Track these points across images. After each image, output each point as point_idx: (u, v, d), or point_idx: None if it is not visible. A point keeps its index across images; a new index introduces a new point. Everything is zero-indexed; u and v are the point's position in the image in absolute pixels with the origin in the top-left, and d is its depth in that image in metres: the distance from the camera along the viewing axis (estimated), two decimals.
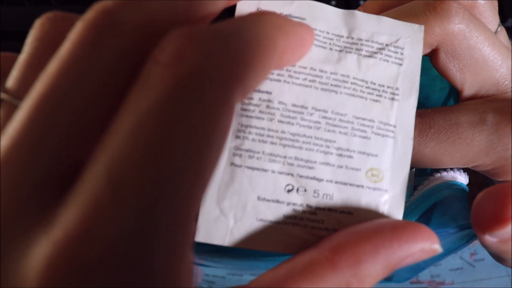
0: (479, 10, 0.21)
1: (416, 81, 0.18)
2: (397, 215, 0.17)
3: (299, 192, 0.17)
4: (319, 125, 0.17)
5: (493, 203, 0.16)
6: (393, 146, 0.18)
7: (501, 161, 0.19)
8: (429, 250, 0.15)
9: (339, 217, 0.17)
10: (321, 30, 0.18)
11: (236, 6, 0.19)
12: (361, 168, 0.17)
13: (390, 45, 0.19)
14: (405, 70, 0.18)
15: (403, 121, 0.18)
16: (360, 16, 0.19)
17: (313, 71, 0.18)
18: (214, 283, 0.31)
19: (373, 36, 0.19)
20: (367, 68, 0.18)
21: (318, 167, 0.17)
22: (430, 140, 0.20)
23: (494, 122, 0.19)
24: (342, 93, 0.18)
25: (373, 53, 0.18)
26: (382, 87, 0.18)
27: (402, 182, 0.17)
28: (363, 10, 0.23)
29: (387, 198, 0.17)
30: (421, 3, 0.20)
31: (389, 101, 0.18)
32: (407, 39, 0.19)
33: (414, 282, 0.30)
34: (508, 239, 0.16)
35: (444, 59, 0.20)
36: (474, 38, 0.19)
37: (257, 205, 0.17)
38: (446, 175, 0.21)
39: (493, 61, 0.20)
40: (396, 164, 0.18)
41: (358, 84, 0.18)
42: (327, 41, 0.18)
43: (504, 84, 0.20)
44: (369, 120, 0.18)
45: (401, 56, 0.19)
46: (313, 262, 0.15)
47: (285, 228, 0.17)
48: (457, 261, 0.30)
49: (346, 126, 0.17)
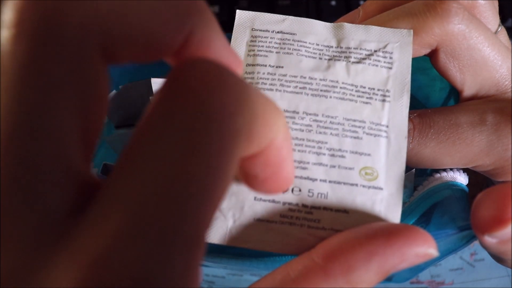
0: (479, 10, 0.21)
1: (407, 82, 0.19)
2: (395, 213, 0.17)
3: (294, 192, 0.17)
4: (310, 128, 0.18)
5: (492, 204, 0.16)
6: (386, 145, 0.18)
7: (501, 161, 0.19)
8: (424, 255, 0.14)
9: (335, 215, 0.17)
10: (311, 43, 0.20)
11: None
12: (354, 167, 0.18)
13: (379, 50, 0.19)
14: (395, 73, 0.19)
15: (396, 121, 0.18)
16: (348, 27, 0.20)
17: (303, 79, 0.19)
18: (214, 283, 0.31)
19: (361, 44, 0.20)
20: (356, 73, 0.19)
21: (311, 167, 0.18)
22: (430, 141, 0.20)
23: (494, 122, 0.19)
24: (332, 97, 0.19)
25: (362, 59, 0.19)
26: (372, 90, 0.19)
27: (398, 180, 0.18)
28: (363, 10, 0.23)
29: (383, 196, 0.17)
30: (421, 3, 0.20)
31: (380, 102, 0.19)
32: (396, 44, 0.20)
33: (414, 282, 0.30)
34: (508, 239, 0.16)
35: (444, 60, 0.20)
36: (474, 38, 0.19)
37: (254, 205, 0.17)
38: (446, 175, 0.21)
39: (493, 62, 0.20)
40: (391, 162, 0.18)
41: (347, 88, 0.19)
42: (317, 52, 0.20)
43: (504, 84, 0.20)
44: (360, 121, 0.18)
45: (390, 60, 0.19)
46: (307, 270, 0.15)
47: (282, 227, 0.17)
48: (457, 261, 0.30)
49: (337, 128, 0.18)
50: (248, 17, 0.21)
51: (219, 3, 0.39)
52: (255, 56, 0.20)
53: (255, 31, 0.20)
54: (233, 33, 0.20)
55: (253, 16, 0.21)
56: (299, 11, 0.38)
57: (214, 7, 0.38)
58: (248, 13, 0.20)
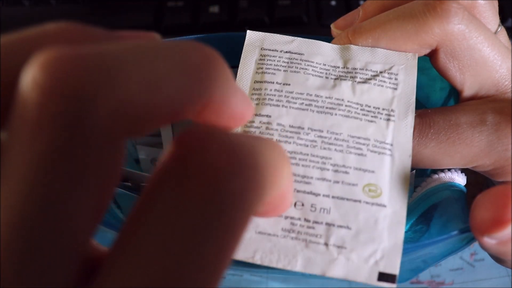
0: (479, 10, 0.21)
1: (412, 102, 0.19)
2: (399, 231, 0.17)
3: (297, 206, 0.17)
4: (315, 143, 0.18)
5: (491, 205, 0.16)
6: (390, 163, 0.18)
7: (501, 161, 0.19)
8: None
9: (337, 231, 0.17)
10: (318, 63, 0.20)
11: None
12: (358, 183, 0.18)
13: (384, 72, 0.20)
14: (400, 94, 0.19)
15: (400, 139, 0.19)
16: (355, 49, 0.20)
17: (309, 96, 0.19)
18: None
19: (367, 65, 0.20)
20: (362, 92, 0.19)
21: (314, 182, 0.18)
22: (430, 141, 0.20)
23: (494, 122, 0.19)
24: (337, 114, 0.19)
25: (367, 80, 0.20)
26: (377, 109, 0.19)
27: (402, 199, 0.18)
28: (363, 10, 0.23)
29: (386, 214, 0.17)
30: (421, 3, 0.19)
31: (384, 121, 0.19)
32: (401, 66, 0.20)
33: (414, 282, 0.30)
34: (507, 240, 0.16)
35: (444, 60, 0.20)
36: (474, 38, 0.19)
37: (256, 218, 0.17)
38: (444, 176, 0.21)
39: (493, 62, 0.20)
40: (395, 180, 0.18)
41: (352, 106, 0.19)
42: (324, 71, 0.20)
43: (504, 84, 0.20)
44: (365, 139, 0.18)
45: (395, 81, 0.20)
46: None
47: (284, 242, 0.17)
48: (457, 261, 0.30)
49: (342, 144, 0.18)
50: (258, 37, 0.21)
51: (219, 3, 0.39)
52: (263, 74, 0.20)
53: (264, 50, 0.21)
54: (243, 52, 0.21)
55: (262, 37, 0.21)
56: (299, 11, 0.38)
57: (214, 7, 0.38)
58: (258, 34, 0.21)
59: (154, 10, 0.38)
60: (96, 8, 0.40)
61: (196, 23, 0.38)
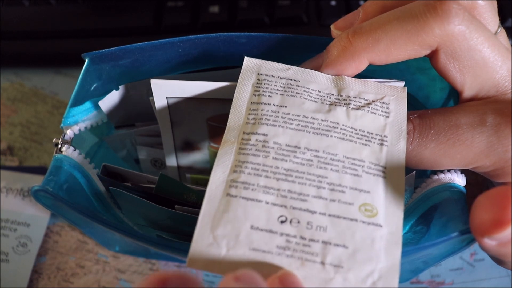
0: (479, 11, 0.21)
1: (404, 129, 0.20)
2: (395, 252, 0.17)
3: (293, 223, 0.17)
4: (311, 162, 0.19)
5: (491, 206, 0.16)
6: (385, 185, 0.18)
7: (501, 162, 0.19)
8: None
9: (334, 250, 0.17)
10: (313, 89, 0.21)
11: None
12: (354, 202, 0.18)
13: (377, 101, 0.21)
14: (392, 121, 0.20)
15: (394, 163, 0.19)
16: (348, 79, 0.21)
17: (306, 118, 0.20)
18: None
19: (360, 94, 0.21)
20: (356, 118, 0.20)
21: (311, 200, 0.18)
22: (430, 142, 0.20)
23: (494, 123, 0.19)
24: (333, 136, 0.19)
25: (361, 107, 0.20)
26: (371, 134, 0.20)
27: (398, 220, 0.18)
28: (363, 11, 0.23)
29: (383, 234, 0.17)
30: (421, 4, 0.19)
31: (378, 146, 0.19)
32: (392, 97, 0.21)
33: (414, 282, 0.30)
34: (507, 242, 0.16)
35: (444, 60, 0.20)
36: (474, 39, 0.19)
37: (250, 234, 0.17)
38: (444, 177, 0.21)
39: (493, 63, 0.20)
40: (390, 202, 0.18)
41: (347, 130, 0.20)
42: (319, 97, 0.21)
43: (504, 85, 0.20)
44: (360, 160, 0.19)
45: (387, 110, 0.20)
46: None
47: (279, 259, 0.17)
48: (457, 261, 0.30)
49: (337, 164, 0.19)
50: (255, 64, 0.22)
51: (219, 3, 0.39)
52: (260, 96, 0.21)
53: (261, 75, 0.21)
54: (240, 75, 0.21)
55: (259, 64, 0.22)
56: (299, 11, 0.38)
57: (214, 7, 0.38)
58: (255, 60, 0.22)
59: (154, 10, 0.38)
60: (96, 8, 0.40)
61: (196, 23, 0.38)
